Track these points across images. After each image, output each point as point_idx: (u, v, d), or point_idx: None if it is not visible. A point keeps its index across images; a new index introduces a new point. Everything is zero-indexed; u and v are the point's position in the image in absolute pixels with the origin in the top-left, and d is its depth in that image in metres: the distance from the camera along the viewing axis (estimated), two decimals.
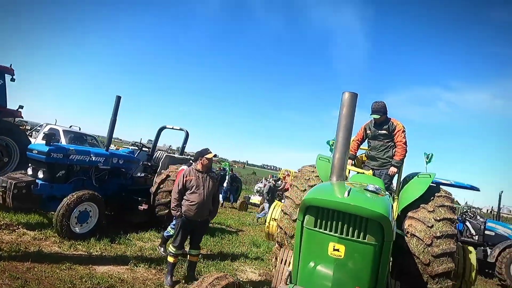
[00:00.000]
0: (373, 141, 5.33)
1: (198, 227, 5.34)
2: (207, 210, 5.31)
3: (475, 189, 7.92)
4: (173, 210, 5.16)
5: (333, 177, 3.23)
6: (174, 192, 5.20)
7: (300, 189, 5.28)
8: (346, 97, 3.26)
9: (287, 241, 4.99)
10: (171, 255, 5.15)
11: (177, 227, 5.19)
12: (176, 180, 5.34)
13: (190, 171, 5.28)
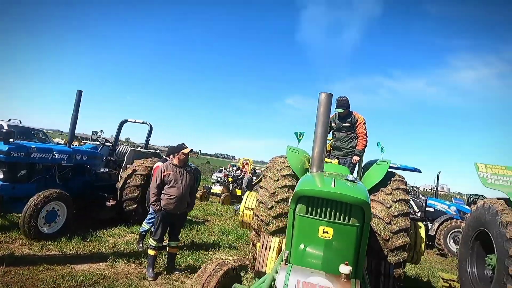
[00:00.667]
0: (338, 133, 5.86)
1: (177, 220, 5.54)
2: (186, 203, 5.51)
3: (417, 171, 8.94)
4: (153, 204, 5.29)
5: (313, 168, 3.65)
6: (152, 187, 5.32)
7: (273, 179, 5.66)
8: (323, 97, 3.67)
9: (264, 228, 5.38)
10: (152, 248, 5.29)
11: (157, 221, 5.33)
12: (153, 176, 5.44)
13: (167, 166, 5.42)
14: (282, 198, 5.43)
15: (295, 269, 2.63)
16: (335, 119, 5.88)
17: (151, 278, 5.08)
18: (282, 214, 5.35)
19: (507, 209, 5.19)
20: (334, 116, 5.93)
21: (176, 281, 5.16)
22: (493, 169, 6.21)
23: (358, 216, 2.76)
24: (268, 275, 3.03)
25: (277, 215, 5.34)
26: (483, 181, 6.13)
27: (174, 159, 5.53)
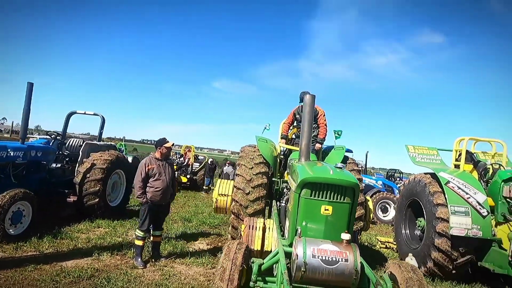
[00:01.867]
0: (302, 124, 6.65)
1: (161, 211, 5.84)
2: (169, 194, 5.83)
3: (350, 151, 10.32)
4: (139, 197, 5.51)
5: (302, 158, 4.36)
6: (138, 181, 5.52)
7: (248, 167, 6.28)
8: (308, 98, 4.36)
9: (243, 211, 6.01)
10: (139, 239, 5.54)
11: (144, 213, 5.57)
12: (137, 172, 5.62)
13: (150, 160, 5.65)
14: (257, 183, 6.10)
15: (308, 240, 3.31)
16: (299, 111, 6.66)
17: (142, 266, 5.36)
18: (259, 198, 6.04)
19: (433, 181, 6.58)
20: (298, 108, 6.70)
21: (165, 266, 5.51)
22: (420, 149, 7.67)
23: (350, 195, 3.55)
24: (277, 249, 3.68)
25: (254, 199, 6.01)
26: (412, 160, 7.55)
27: (156, 153, 5.77)
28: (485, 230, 5.76)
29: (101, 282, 4.58)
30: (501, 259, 5.54)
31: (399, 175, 21.16)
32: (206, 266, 5.74)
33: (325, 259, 3.17)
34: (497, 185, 6.18)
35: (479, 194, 5.99)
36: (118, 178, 9.16)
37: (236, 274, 3.20)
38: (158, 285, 4.69)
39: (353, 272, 3.14)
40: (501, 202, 6.05)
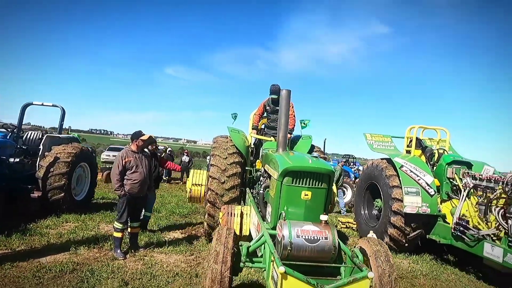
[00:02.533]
0: (272, 115, 7.01)
1: (139, 202, 5.93)
2: (147, 186, 5.92)
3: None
4: (117, 190, 5.55)
5: (280, 149, 4.72)
6: (115, 174, 5.54)
7: (222, 157, 6.53)
8: (284, 93, 4.70)
9: (219, 200, 6.27)
10: (118, 231, 5.61)
11: (122, 205, 5.62)
12: (113, 165, 5.64)
13: (127, 153, 5.69)
14: (232, 173, 6.38)
15: (292, 223, 3.68)
16: (269, 103, 7.00)
17: (122, 257, 5.46)
18: (234, 187, 6.34)
19: (388, 166, 7.32)
20: (268, 100, 7.03)
21: (145, 256, 5.65)
22: (376, 137, 8.41)
23: (326, 181, 3.97)
24: (262, 232, 4.02)
25: (230, 187, 6.30)
26: (370, 147, 8.27)
27: (132, 145, 5.81)
28: (433, 207, 6.59)
29: (85, 274, 4.63)
30: (445, 232, 6.40)
31: (353, 160, 22.60)
32: (185, 254, 5.96)
33: (308, 238, 3.58)
34: (442, 168, 7.05)
35: (427, 176, 6.81)
36: (82, 171, 8.94)
37: (228, 256, 3.51)
38: (143, 274, 4.85)
39: (332, 248, 3.59)
40: (445, 183, 6.93)
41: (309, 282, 3.09)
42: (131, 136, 5.95)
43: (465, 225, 5.86)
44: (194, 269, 5.21)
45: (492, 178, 5.71)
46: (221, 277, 3.40)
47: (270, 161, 4.89)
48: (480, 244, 5.57)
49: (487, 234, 5.51)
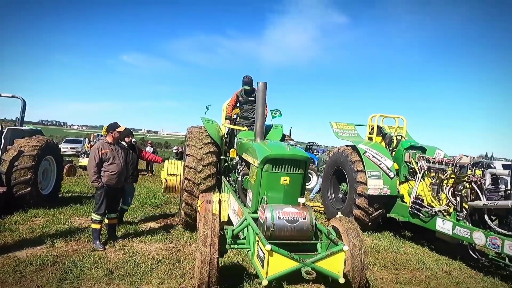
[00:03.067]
0: (245, 106, 7.25)
1: (117, 194, 5.96)
2: (124, 177, 5.96)
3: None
4: (94, 182, 5.54)
5: (257, 138, 5.00)
6: (92, 166, 5.53)
7: (198, 147, 6.69)
8: (261, 85, 4.97)
9: (196, 188, 6.46)
10: (96, 223, 5.63)
11: (100, 197, 5.63)
12: (90, 157, 5.61)
13: (103, 144, 5.69)
14: (208, 162, 6.58)
15: (273, 206, 4.00)
16: (242, 94, 7.22)
17: (102, 248, 5.50)
18: (210, 175, 6.55)
19: (353, 152, 7.88)
20: (241, 91, 7.24)
21: (125, 246, 5.73)
22: (341, 125, 8.96)
23: (303, 167, 4.33)
24: (245, 216, 4.31)
25: (206, 176, 6.50)
26: (336, 135, 8.80)
27: (108, 137, 5.81)
28: (392, 188, 7.25)
29: (67, 266, 4.66)
30: (403, 210, 7.09)
31: (316, 147, 23.48)
32: (164, 242, 6.11)
33: (288, 219, 3.92)
34: (400, 153, 7.73)
35: (387, 160, 7.45)
36: (48, 164, 8.68)
37: (216, 239, 3.77)
38: (126, 262, 4.96)
39: (310, 227, 3.97)
40: (403, 166, 7.62)
41: (293, 257, 3.44)
42: (107, 127, 5.93)
43: (420, 203, 6.55)
44: (176, 256, 5.39)
45: (443, 161, 6.41)
46: (210, 258, 3.66)
47: (247, 150, 5.16)
48: (433, 220, 6.27)
49: (439, 210, 6.21)
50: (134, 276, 4.50)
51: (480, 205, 5.43)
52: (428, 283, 4.98)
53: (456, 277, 5.30)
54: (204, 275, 3.64)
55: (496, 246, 4.99)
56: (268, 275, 3.36)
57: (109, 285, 4.22)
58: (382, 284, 4.85)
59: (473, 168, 6.05)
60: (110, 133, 5.81)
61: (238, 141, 6.44)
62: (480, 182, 5.62)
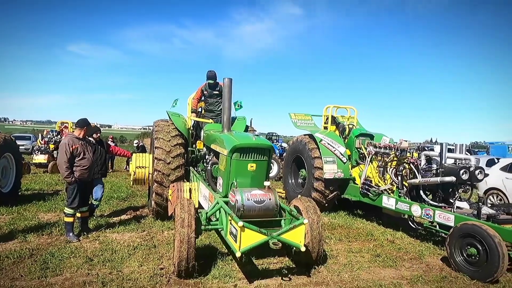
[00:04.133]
0: (210, 99, 7.64)
1: (87, 187, 6.13)
2: (93, 171, 6.14)
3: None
4: (67, 177, 5.66)
5: (224, 130, 5.46)
6: (63, 161, 5.62)
7: (166, 140, 7.00)
8: (226, 81, 5.41)
9: (165, 179, 6.78)
10: (69, 216, 5.78)
11: (73, 191, 5.76)
12: (60, 153, 5.67)
13: (73, 140, 5.80)
14: (176, 154, 6.93)
15: (242, 189, 4.51)
16: (206, 87, 7.59)
17: (76, 240, 5.69)
18: (179, 166, 6.91)
19: (311, 140, 8.60)
20: (205, 85, 7.61)
21: (99, 237, 5.95)
22: (299, 116, 9.64)
23: (267, 155, 4.88)
24: (216, 200, 4.77)
25: (175, 167, 6.85)
26: (294, 125, 9.47)
27: (76, 132, 5.92)
28: (346, 172, 8.07)
29: (45, 257, 4.84)
30: (355, 191, 7.94)
31: (276, 137, 24.33)
32: (137, 231, 6.40)
33: (256, 200, 4.46)
34: (352, 140, 8.58)
35: (341, 147, 8.25)
36: (7, 162, 8.47)
37: (193, 221, 4.21)
38: (103, 250, 5.23)
39: (275, 206, 4.54)
40: (354, 152, 8.48)
41: (261, 232, 3.99)
42: (77, 123, 6.03)
43: (369, 184, 7.41)
44: (150, 242, 5.74)
45: (387, 146, 7.30)
46: (188, 238, 4.11)
47: (215, 141, 5.61)
48: (380, 198, 7.15)
49: (384, 189, 7.11)
50: (114, 262, 4.81)
51: (417, 182, 6.36)
52: (375, 251, 5.80)
53: (398, 244, 6.21)
54: (183, 253, 4.08)
55: (429, 216, 5.92)
56: (241, 247, 3.87)
57: (91, 270, 4.50)
58: (337, 254, 5.58)
59: (411, 151, 6.98)
60: (79, 128, 5.93)
61: (205, 133, 6.84)
62: (416, 163, 6.55)
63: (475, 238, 4.75)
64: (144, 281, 4.24)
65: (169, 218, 6.80)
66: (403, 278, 4.75)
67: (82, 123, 5.96)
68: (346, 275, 4.71)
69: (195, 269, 4.27)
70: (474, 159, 6.02)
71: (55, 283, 4.10)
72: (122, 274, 4.41)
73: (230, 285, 4.23)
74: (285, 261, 5.13)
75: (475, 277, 4.65)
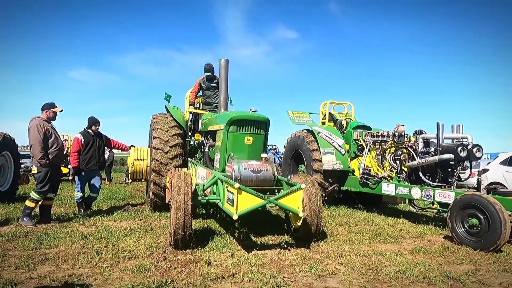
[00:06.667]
0: (208, 92, 7.73)
1: (57, 172, 6.01)
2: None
3: None
4: (42, 159, 5.41)
5: (221, 109, 5.51)
6: (38, 143, 5.38)
7: (164, 130, 7.03)
8: (223, 62, 5.52)
9: (163, 168, 6.76)
10: (33, 201, 5.54)
11: (44, 176, 5.53)
12: (33, 134, 5.44)
13: (42, 123, 5.55)
14: (174, 143, 6.94)
15: (239, 160, 4.49)
16: (204, 81, 7.70)
17: (32, 225, 5.36)
18: (177, 156, 6.90)
19: (309, 134, 8.63)
20: (203, 78, 7.72)
21: (95, 223, 5.86)
22: (297, 113, 9.70)
23: (264, 128, 4.91)
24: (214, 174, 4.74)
25: (173, 156, 6.84)
26: (292, 122, 9.52)
27: (43, 115, 5.70)
28: (344, 164, 8.04)
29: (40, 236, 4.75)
30: (355, 182, 7.88)
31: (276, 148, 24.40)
32: (135, 220, 6.30)
33: (253, 170, 4.45)
34: (349, 133, 8.60)
35: (339, 139, 8.27)
36: (5, 160, 8.46)
37: (189, 189, 4.18)
38: (100, 231, 5.14)
39: (272, 176, 4.52)
40: (353, 144, 8.49)
41: (258, 195, 3.95)
42: (43, 106, 5.76)
43: (368, 173, 7.37)
44: (147, 226, 5.65)
45: (384, 134, 7.32)
46: (184, 205, 4.06)
47: (212, 122, 5.65)
48: (379, 185, 7.09)
49: (383, 176, 7.06)
50: (110, 238, 4.73)
51: (415, 164, 6.33)
52: (376, 231, 5.70)
53: (400, 228, 6.10)
54: (180, 220, 4.02)
55: (429, 196, 5.86)
56: (238, 211, 3.83)
57: (86, 244, 4.42)
58: (337, 233, 5.49)
59: (409, 136, 6.98)
60: (45, 111, 5.71)
61: (203, 122, 6.88)
62: (414, 146, 6.54)
63: (475, 208, 4.69)
64: (139, 252, 4.16)
65: (167, 210, 6.72)
66: (404, 250, 4.66)
67: (45, 106, 5.71)
68: (347, 247, 4.62)
69: (191, 239, 4.20)
70: (471, 137, 6.01)
71: (49, 253, 4.02)
72: (118, 247, 4.33)
73: (227, 254, 4.14)
74: (284, 238, 5.04)
75: (478, 248, 4.55)
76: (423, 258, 4.26)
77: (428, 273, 3.69)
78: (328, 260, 4.06)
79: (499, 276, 3.71)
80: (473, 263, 4.11)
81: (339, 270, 3.72)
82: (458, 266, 4.00)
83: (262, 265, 3.76)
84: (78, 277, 3.31)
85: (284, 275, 3.48)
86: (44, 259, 3.80)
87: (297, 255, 4.22)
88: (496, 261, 4.16)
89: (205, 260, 3.85)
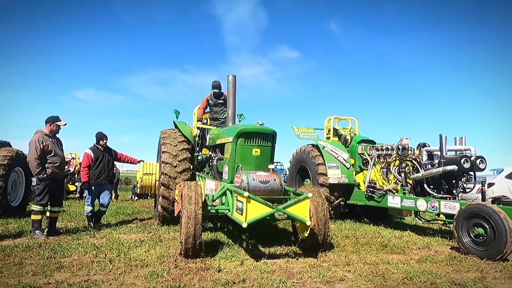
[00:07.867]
0: (215, 108, 7.97)
1: (59, 186, 6.15)
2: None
3: None
4: (39, 174, 5.60)
5: (229, 123, 5.71)
6: (34, 158, 5.57)
7: (173, 145, 7.23)
8: (231, 77, 5.76)
9: (172, 182, 6.91)
10: (37, 214, 5.73)
11: (43, 189, 5.70)
12: (30, 150, 5.64)
13: (43, 137, 5.74)
14: (183, 158, 7.12)
15: (247, 171, 4.64)
16: (212, 97, 7.95)
17: (44, 237, 5.53)
18: (185, 170, 7.06)
19: (314, 149, 8.77)
20: (210, 96, 7.97)
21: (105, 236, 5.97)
22: (301, 129, 9.88)
23: (271, 140, 5.07)
24: (223, 185, 4.88)
25: (182, 170, 7.00)
26: (297, 137, 9.69)
27: (46, 129, 5.87)
28: (350, 177, 8.14)
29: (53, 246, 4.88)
30: (360, 196, 7.95)
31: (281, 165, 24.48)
32: (144, 233, 6.40)
33: (261, 181, 4.59)
34: (354, 147, 8.74)
35: (344, 153, 8.40)
36: (17, 176, 8.66)
37: (200, 199, 4.32)
38: (111, 243, 5.25)
39: (279, 186, 4.65)
40: (357, 158, 8.60)
41: (267, 204, 4.08)
42: (47, 119, 5.91)
43: (373, 186, 7.45)
44: (157, 238, 5.74)
45: (389, 147, 7.44)
46: (195, 214, 4.19)
47: (220, 136, 5.83)
48: (385, 198, 7.16)
49: (389, 189, 7.14)
50: (121, 249, 4.83)
51: (420, 176, 6.42)
52: (382, 243, 5.74)
53: (406, 239, 6.13)
54: (191, 229, 4.14)
55: (435, 208, 5.92)
56: (247, 219, 3.94)
57: (98, 253, 4.53)
58: (344, 245, 5.54)
59: (412, 149, 7.10)
60: (48, 124, 5.88)
61: (211, 136, 7.07)
62: (418, 158, 6.65)
63: (481, 217, 4.75)
64: (151, 261, 4.26)
65: (176, 223, 6.82)
66: (411, 259, 4.70)
67: (49, 119, 5.89)
68: (354, 257, 4.68)
69: (201, 248, 4.30)
70: (474, 148, 6.12)
71: (64, 262, 4.13)
72: (130, 256, 4.44)
73: (237, 263, 4.22)
74: (292, 248, 5.11)
75: (485, 257, 4.58)
76: (430, 267, 4.31)
77: (435, 279, 3.74)
78: (335, 268, 4.13)
79: (506, 282, 3.75)
80: (480, 271, 4.15)
81: (347, 276, 3.79)
82: (465, 274, 4.05)
83: (271, 272, 3.85)
84: (93, 282, 3.42)
85: (293, 281, 3.56)
86: (59, 267, 3.92)
87: (305, 263, 4.30)
88: (503, 269, 4.20)
89: (216, 267, 3.94)
